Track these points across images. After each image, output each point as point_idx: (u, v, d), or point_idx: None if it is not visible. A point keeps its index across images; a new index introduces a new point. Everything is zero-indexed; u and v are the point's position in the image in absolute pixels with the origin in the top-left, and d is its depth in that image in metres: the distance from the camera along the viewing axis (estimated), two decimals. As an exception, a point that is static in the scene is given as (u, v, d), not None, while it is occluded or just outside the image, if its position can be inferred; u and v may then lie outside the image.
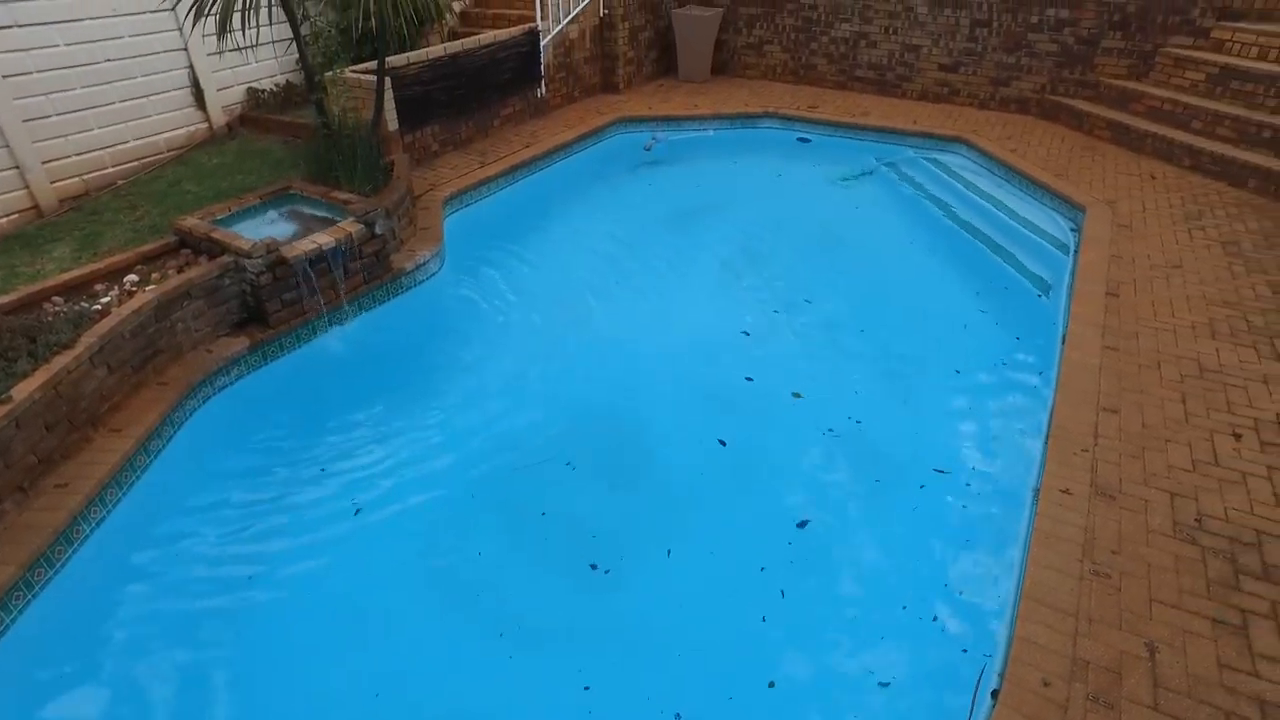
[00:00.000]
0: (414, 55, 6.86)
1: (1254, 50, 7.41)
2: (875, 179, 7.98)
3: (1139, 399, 4.15)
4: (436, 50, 7.09)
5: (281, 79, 7.70)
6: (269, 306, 4.77)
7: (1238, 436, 3.89)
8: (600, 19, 9.21)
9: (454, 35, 8.54)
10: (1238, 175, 6.82)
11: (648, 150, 8.54)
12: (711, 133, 8.96)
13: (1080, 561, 3.17)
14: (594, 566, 3.56)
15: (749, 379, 4.84)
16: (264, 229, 5.17)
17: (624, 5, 9.22)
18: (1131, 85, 8.13)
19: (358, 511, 3.84)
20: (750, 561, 3.58)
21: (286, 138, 7.09)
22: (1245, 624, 2.90)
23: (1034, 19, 8.61)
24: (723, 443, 4.30)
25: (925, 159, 8.17)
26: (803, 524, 3.78)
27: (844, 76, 9.92)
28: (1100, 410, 4.06)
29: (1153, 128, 7.63)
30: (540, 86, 8.51)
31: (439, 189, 6.70)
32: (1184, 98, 7.60)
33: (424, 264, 5.68)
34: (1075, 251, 5.86)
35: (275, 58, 7.58)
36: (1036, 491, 3.60)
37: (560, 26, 8.56)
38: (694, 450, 4.28)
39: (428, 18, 6.46)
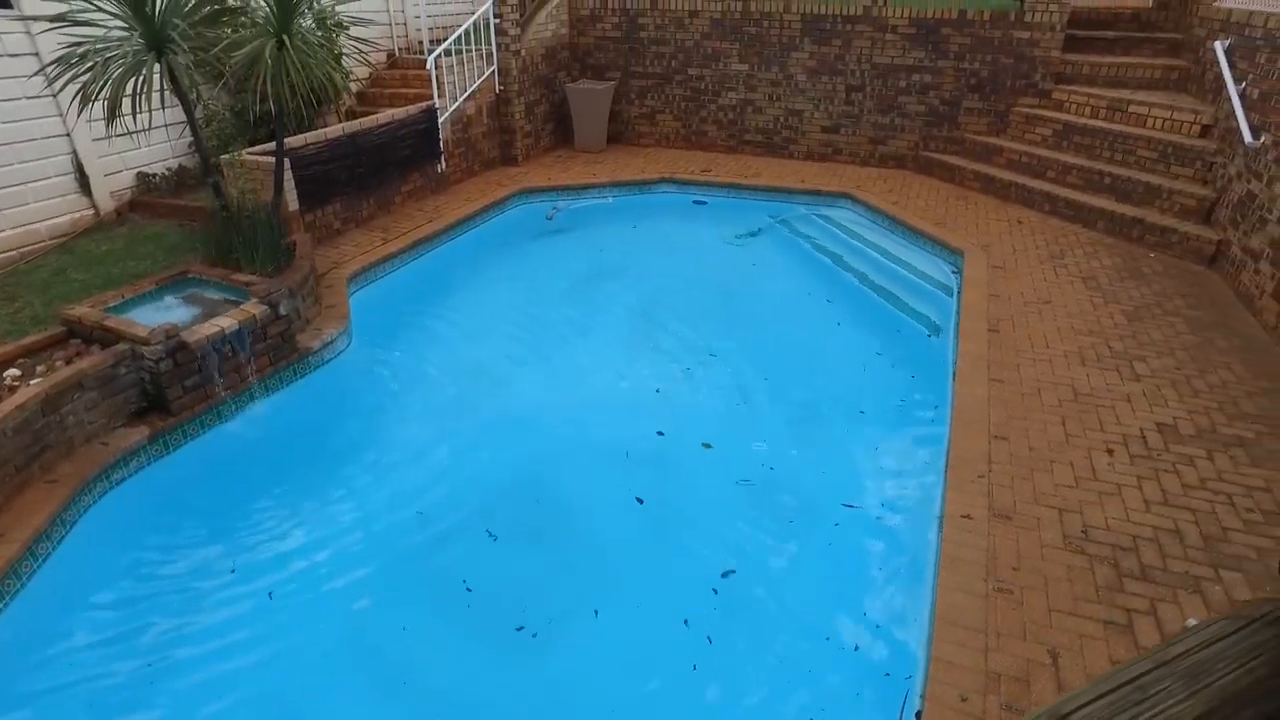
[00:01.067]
0: (312, 136, 6.88)
1: (1086, 109, 8.26)
2: (770, 236, 8.37)
3: (1024, 425, 4.47)
4: (335, 130, 7.14)
5: (174, 163, 7.57)
6: (170, 394, 4.63)
7: (1111, 452, 4.22)
8: (496, 95, 9.46)
9: (352, 114, 8.61)
10: (1089, 218, 7.50)
11: (550, 219, 8.72)
12: (611, 199, 9.24)
13: (985, 581, 3.36)
14: (520, 629, 3.55)
15: (660, 433, 4.96)
16: (162, 314, 5.04)
17: (519, 81, 9.50)
18: (992, 140, 8.87)
19: (272, 595, 3.72)
20: (677, 613, 3.64)
21: (181, 222, 6.95)
22: (1130, 622, 3.14)
23: (902, 84, 9.33)
24: (640, 500, 4.38)
25: (815, 215, 8.64)
26: (727, 574, 3.87)
27: (734, 141, 10.44)
28: (991, 438, 4.34)
29: (1014, 178, 8.32)
30: (440, 162, 8.63)
31: (343, 266, 6.68)
32: (1037, 150, 8.35)
33: (331, 342, 5.62)
34: (958, 293, 6.29)
35: (168, 141, 7.46)
36: (940, 519, 3.81)
37: (457, 104, 8.74)
38: (614, 509, 4.33)
39: (325, 98, 6.53)
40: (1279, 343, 5.35)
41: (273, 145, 6.12)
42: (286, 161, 6.33)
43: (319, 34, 5.85)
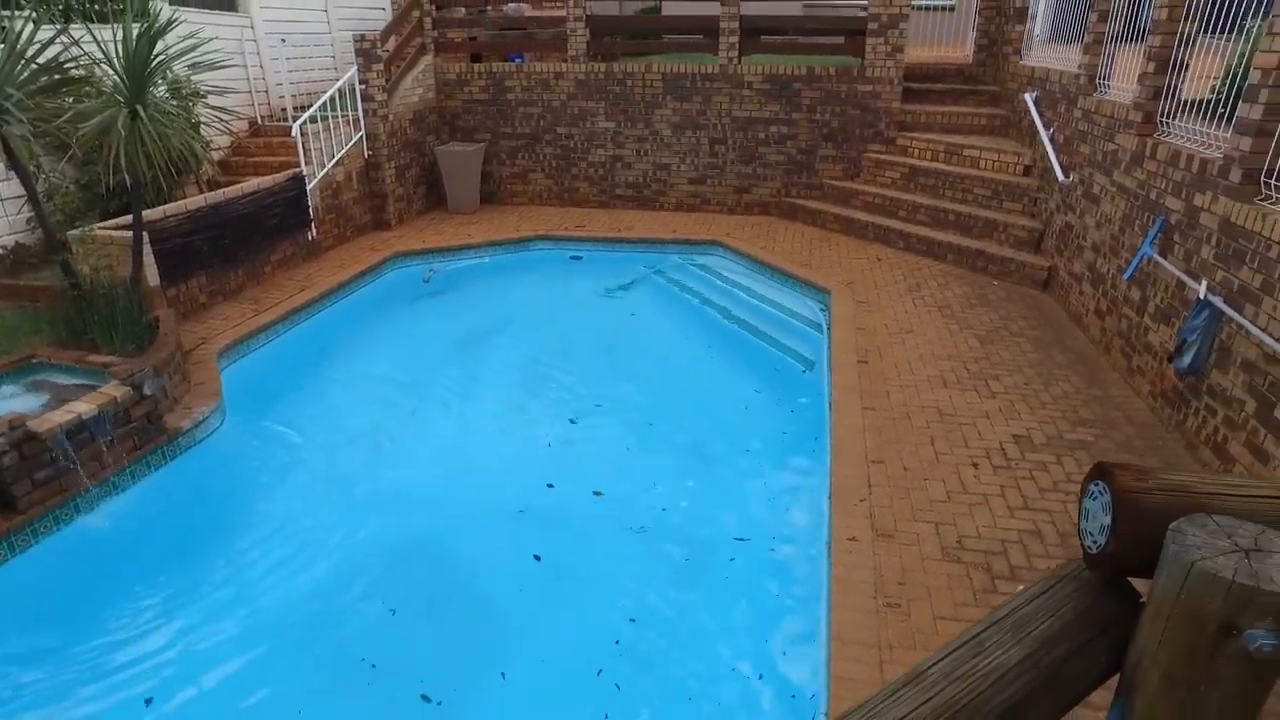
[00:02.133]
0: (172, 207, 6.62)
1: (928, 153, 9.00)
2: (647, 286, 8.60)
3: (898, 448, 4.75)
4: (196, 201, 6.89)
5: (10, 240, 7.09)
6: (17, 490, 4.28)
7: (976, 466, 4.55)
8: (366, 160, 9.39)
9: (214, 184, 8.33)
10: (939, 252, 8.11)
11: (426, 282, 8.66)
12: (488, 259, 9.27)
13: (875, 598, 3.54)
14: (426, 699, 3.45)
15: (550, 485, 4.97)
16: (4, 404, 4.69)
17: (388, 146, 9.47)
18: (848, 185, 9.49)
19: (149, 702, 3.47)
20: (583, 665, 3.63)
21: (21, 303, 6.48)
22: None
23: (761, 135, 9.87)
24: (538, 558, 4.36)
25: (689, 263, 8.95)
26: (633, 620, 3.91)
27: (606, 196, 10.72)
28: (869, 463, 4.59)
29: (871, 218, 8.91)
30: (311, 229, 8.45)
31: (212, 341, 6.40)
32: (888, 192, 9.00)
33: (203, 421, 5.36)
34: (828, 328, 6.65)
35: (5, 217, 6.99)
36: (828, 543, 3.98)
37: (326, 170, 8.62)
38: (512, 569, 4.30)
39: (185, 168, 6.31)
40: (1104, 354, 5.93)
41: (127, 219, 5.86)
42: (145, 235, 6.06)
43: (174, 103, 5.69)
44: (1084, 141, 6.80)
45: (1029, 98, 8.19)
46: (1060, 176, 7.08)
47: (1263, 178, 4.40)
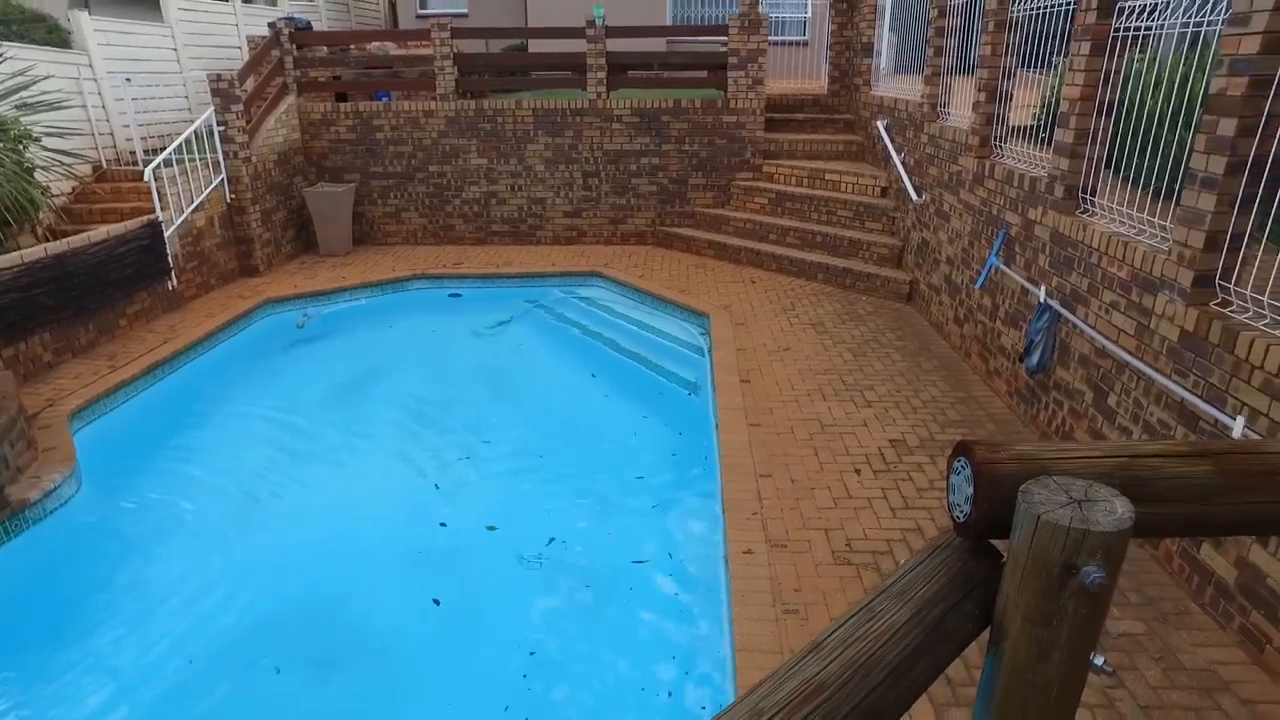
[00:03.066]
0: (5, 260, 6.13)
1: (792, 179, 9.48)
2: (529, 320, 8.60)
3: (784, 460, 4.93)
4: (35, 251, 6.41)
5: None
6: None
7: (858, 472, 4.78)
8: (229, 204, 9.00)
9: (56, 233, 7.77)
10: (809, 272, 8.51)
11: (301, 328, 8.35)
12: (364, 301, 9.04)
13: (773, 607, 3.65)
14: (327, 760, 3.30)
15: (443, 524, 4.88)
16: None
17: (252, 189, 9.12)
18: (720, 212, 9.84)
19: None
20: (493, 704, 3.56)
21: None
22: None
23: (633, 167, 10.11)
24: (437, 601, 4.26)
25: (570, 295, 9.02)
26: (533, 653, 3.87)
27: (482, 232, 10.67)
28: (758, 477, 4.74)
29: (743, 243, 9.26)
30: (171, 279, 8.01)
31: (62, 403, 5.94)
32: (758, 217, 9.39)
33: (54, 490, 4.95)
34: (709, 351, 6.84)
35: None
36: (725, 557, 4.08)
37: (185, 215, 8.21)
38: (410, 615, 4.18)
39: (19, 218, 5.89)
40: (965, 359, 6.37)
41: (-42, 277, 5.39)
42: (-22, 294, 5.59)
43: (1, 145, 5.30)
44: (932, 164, 7.33)
45: (880, 125, 8.76)
46: (914, 196, 7.60)
47: (1080, 193, 4.89)
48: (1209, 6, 3.83)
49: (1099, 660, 0.85)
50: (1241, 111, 3.46)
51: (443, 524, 4.88)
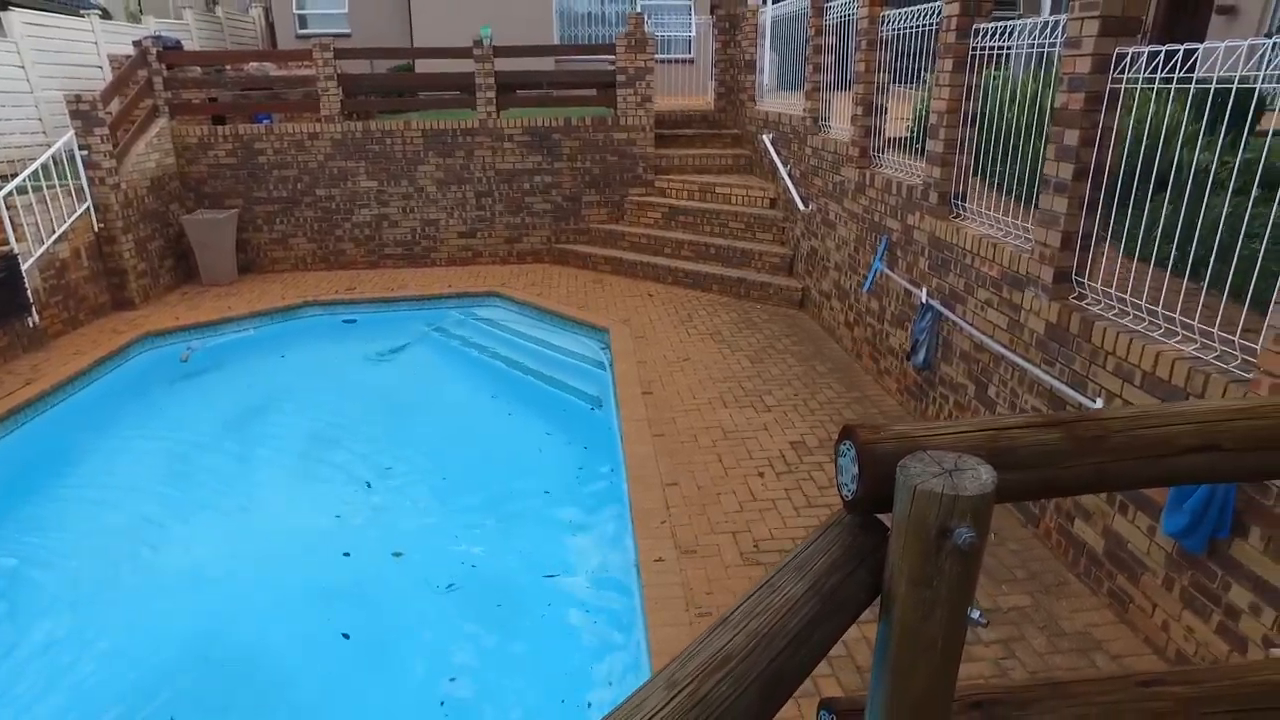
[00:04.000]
0: None
1: (684, 193, 9.70)
2: (428, 342, 8.47)
3: (689, 468, 5.03)
4: (-123, 295, 5.90)
5: None
6: None
7: (761, 475, 4.93)
8: (96, 234, 8.49)
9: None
10: (705, 283, 8.72)
11: (185, 361, 7.96)
12: (253, 331, 8.69)
13: (687, 611, 3.72)
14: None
15: (346, 554, 4.75)
16: None
17: (123, 217, 8.65)
18: (615, 227, 9.96)
19: None
20: (407, 733, 3.49)
21: None
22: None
23: (526, 185, 10.12)
24: (346, 635, 4.14)
25: (468, 316, 8.92)
26: (453, 679, 3.81)
27: (375, 255, 10.44)
28: (664, 486, 4.82)
29: (639, 257, 9.39)
30: (31, 315, 7.48)
31: (-87, 454, 5.47)
32: (652, 231, 9.55)
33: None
34: (610, 365, 6.91)
35: None
36: (637, 567, 4.13)
37: (45, 247, 7.70)
38: (320, 652, 4.03)
39: None
40: (858, 360, 6.67)
41: None
42: None
43: None
44: (817, 175, 7.65)
45: (766, 139, 9.08)
46: (801, 206, 7.91)
47: (952, 199, 5.22)
48: (1049, 30, 4.18)
49: (975, 614, 0.94)
50: (1081, 123, 3.80)
51: (346, 554, 4.75)
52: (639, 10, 12.12)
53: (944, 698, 1.00)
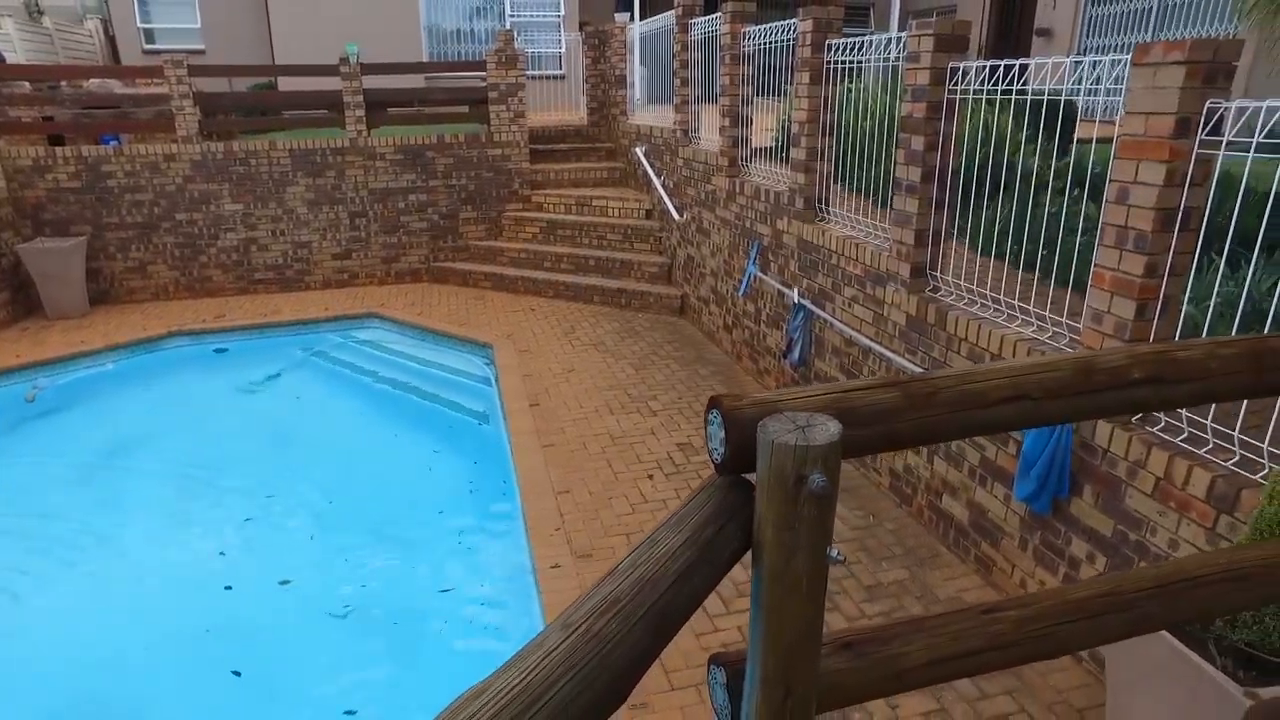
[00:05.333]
0: None
1: (561, 207, 9.80)
2: (307, 368, 8.19)
3: (580, 476, 5.10)
4: None
5: None
6: None
7: (651, 477, 5.05)
8: (-80, 270, 7.79)
9: None
10: (586, 295, 8.82)
11: (31, 401, 7.39)
12: (112, 365, 8.15)
13: (584, 614, 3.78)
14: None
15: (228, 587, 4.55)
16: None
17: (-50, 250, 7.96)
18: (493, 243, 9.93)
19: None
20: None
21: None
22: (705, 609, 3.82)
23: (401, 204, 9.95)
24: (237, 673, 3.97)
25: (348, 339, 8.69)
26: (351, 713, 3.73)
27: (245, 281, 10.00)
28: (557, 494, 4.87)
29: (519, 272, 9.41)
30: None
31: None
32: (532, 246, 9.59)
33: None
34: (496, 380, 6.90)
35: None
36: (534, 574, 4.16)
37: None
38: (211, 694, 3.85)
39: None
40: (738, 362, 6.92)
41: None
42: None
43: None
44: (689, 184, 7.90)
45: (639, 151, 9.30)
46: (676, 216, 8.14)
47: (817, 203, 5.54)
48: (892, 45, 4.53)
49: (833, 552, 1.07)
50: (925, 130, 4.13)
51: (228, 587, 4.54)
52: (508, 27, 12.17)
53: (813, 636, 1.12)
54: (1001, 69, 3.65)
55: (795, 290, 5.63)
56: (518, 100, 9.89)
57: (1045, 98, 3.66)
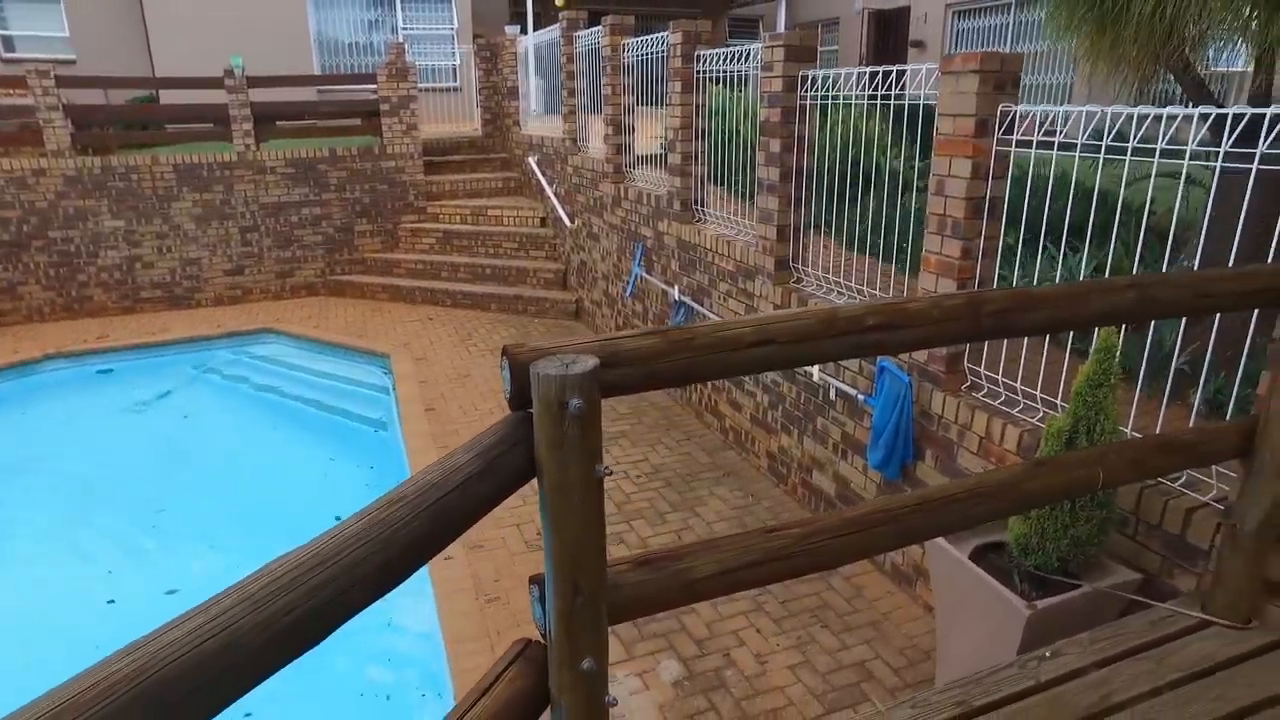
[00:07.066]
0: None
1: (457, 217, 9.90)
2: (198, 385, 8.04)
3: (475, 473, 5.25)
4: None
5: None
6: None
7: (543, 470, 5.24)
8: None
9: None
10: (484, 303, 8.96)
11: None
12: (-20, 392, 7.83)
13: (476, 600, 3.95)
14: None
15: (111, 601, 4.52)
16: None
17: None
18: (389, 255, 9.94)
19: None
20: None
21: None
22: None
23: (294, 218, 9.85)
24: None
25: (242, 355, 8.57)
26: (248, 715, 3.77)
27: (129, 300, 9.70)
28: (452, 492, 5.01)
29: (416, 283, 9.46)
30: None
31: None
32: (428, 257, 9.66)
33: None
34: (393, 388, 6.96)
35: None
36: (428, 566, 4.29)
37: None
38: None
39: None
40: (631, 361, 7.17)
41: None
42: None
43: None
44: (579, 191, 8.14)
45: (531, 160, 9.50)
46: (567, 222, 8.37)
47: (694, 205, 5.85)
48: (749, 57, 4.88)
49: (600, 468, 1.30)
50: (781, 133, 4.48)
51: (111, 601, 4.50)
52: (401, 40, 12.20)
53: (594, 539, 1.35)
54: (855, 75, 4.01)
55: (676, 288, 5.93)
56: (410, 113, 9.95)
57: (906, 103, 3.99)
